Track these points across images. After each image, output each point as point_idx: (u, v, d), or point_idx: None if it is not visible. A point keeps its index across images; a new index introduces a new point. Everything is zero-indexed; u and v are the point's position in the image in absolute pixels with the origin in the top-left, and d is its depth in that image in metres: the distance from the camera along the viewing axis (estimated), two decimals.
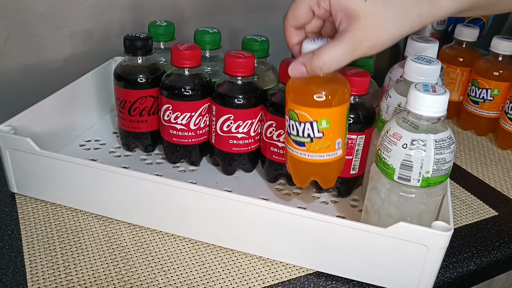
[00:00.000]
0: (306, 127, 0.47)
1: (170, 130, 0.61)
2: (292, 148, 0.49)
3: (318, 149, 0.48)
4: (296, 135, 0.48)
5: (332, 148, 0.48)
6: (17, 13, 0.71)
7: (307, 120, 0.46)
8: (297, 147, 0.48)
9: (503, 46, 0.73)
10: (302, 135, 0.47)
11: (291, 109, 0.47)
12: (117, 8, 0.77)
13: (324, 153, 0.48)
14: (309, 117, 0.46)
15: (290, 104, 0.47)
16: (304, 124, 0.47)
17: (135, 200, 0.53)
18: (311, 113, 0.46)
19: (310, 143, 0.47)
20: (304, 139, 0.47)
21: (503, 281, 0.63)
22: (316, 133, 0.47)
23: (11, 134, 0.55)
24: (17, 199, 0.58)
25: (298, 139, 0.48)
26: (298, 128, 0.47)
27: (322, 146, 0.47)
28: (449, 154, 0.46)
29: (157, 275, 0.49)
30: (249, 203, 0.49)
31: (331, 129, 0.47)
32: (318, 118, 0.46)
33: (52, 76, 0.76)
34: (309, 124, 0.46)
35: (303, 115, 0.46)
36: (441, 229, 0.45)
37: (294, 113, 0.47)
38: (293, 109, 0.47)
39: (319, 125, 0.46)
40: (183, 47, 0.58)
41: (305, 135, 0.47)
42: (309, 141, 0.47)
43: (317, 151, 0.48)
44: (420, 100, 0.45)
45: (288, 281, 0.49)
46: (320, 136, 0.47)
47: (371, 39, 0.42)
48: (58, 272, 0.48)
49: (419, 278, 0.47)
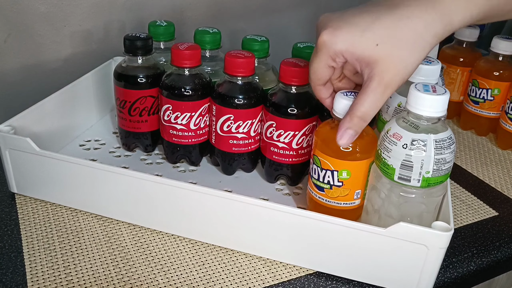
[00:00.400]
0: (327, 175, 0.51)
1: (170, 130, 0.61)
2: (312, 191, 0.53)
3: (336, 197, 0.52)
4: (317, 179, 0.52)
5: (350, 198, 0.52)
6: (17, 13, 0.71)
7: (328, 168, 0.50)
8: (317, 190, 0.52)
9: (503, 46, 0.73)
10: (322, 181, 0.51)
11: (315, 154, 0.51)
12: (117, 8, 0.77)
13: (342, 201, 0.52)
14: (331, 166, 0.50)
15: (316, 150, 0.51)
16: (325, 171, 0.50)
17: (135, 200, 0.53)
18: (333, 162, 0.50)
19: (329, 189, 0.51)
20: (324, 185, 0.51)
21: (503, 281, 0.63)
22: (336, 182, 0.50)
23: (11, 134, 0.55)
24: (17, 199, 0.58)
25: (319, 183, 0.52)
26: (320, 173, 0.51)
27: (340, 194, 0.51)
28: (449, 154, 0.46)
29: (157, 275, 0.49)
30: (249, 203, 0.49)
31: (351, 180, 0.50)
32: (339, 169, 0.50)
33: (52, 76, 0.76)
34: (330, 172, 0.50)
35: (325, 162, 0.50)
36: (441, 229, 0.45)
37: (317, 159, 0.51)
38: (317, 155, 0.51)
39: (339, 175, 0.50)
40: (183, 47, 0.58)
41: (325, 182, 0.51)
42: (329, 188, 0.51)
43: (335, 198, 0.52)
44: (420, 100, 0.45)
45: (288, 281, 0.49)
46: (340, 185, 0.50)
47: (397, 76, 0.42)
48: (58, 272, 0.48)
49: (419, 278, 0.47)
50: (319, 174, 0.51)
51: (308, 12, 0.90)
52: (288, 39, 0.72)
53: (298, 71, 0.55)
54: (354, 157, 0.49)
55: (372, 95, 0.43)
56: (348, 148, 0.49)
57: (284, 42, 0.70)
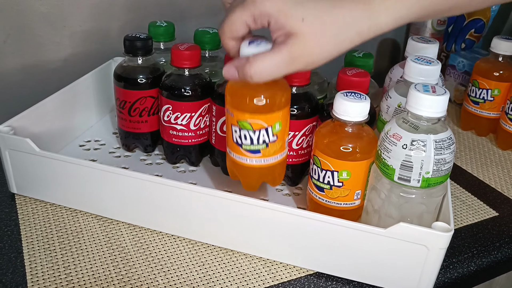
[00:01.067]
0: (327, 175, 0.51)
1: (170, 131, 0.61)
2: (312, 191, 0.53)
3: (336, 197, 0.52)
4: (317, 180, 0.52)
5: (350, 198, 0.52)
6: (17, 13, 0.71)
7: (328, 169, 0.50)
8: (317, 191, 0.53)
9: (503, 46, 0.73)
10: (322, 181, 0.52)
11: (315, 155, 0.51)
12: (117, 8, 0.77)
13: (342, 202, 0.52)
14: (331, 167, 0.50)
15: (316, 150, 0.51)
16: (325, 172, 0.51)
17: (135, 200, 0.53)
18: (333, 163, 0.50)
19: (329, 190, 0.52)
20: (324, 185, 0.52)
21: (503, 282, 0.63)
22: (336, 182, 0.51)
23: (10, 134, 0.55)
24: (17, 200, 0.58)
25: (319, 184, 0.52)
26: (320, 174, 0.51)
27: (340, 194, 0.52)
28: (449, 154, 0.46)
29: (157, 275, 0.49)
30: (249, 204, 0.49)
31: (351, 181, 0.51)
32: (339, 169, 0.50)
33: (52, 76, 0.76)
34: (330, 173, 0.51)
35: (325, 163, 0.51)
36: (442, 229, 0.45)
37: (317, 159, 0.51)
38: (317, 156, 0.51)
39: (339, 175, 0.50)
40: (183, 47, 0.58)
41: (325, 182, 0.51)
42: (329, 188, 0.52)
43: (335, 198, 0.52)
44: (420, 101, 0.45)
45: (288, 282, 0.49)
46: (340, 185, 0.51)
47: (308, 56, 0.41)
48: (58, 273, 0.48)
49: (419, 279, 0.47)
50: (319, 175, 0.51)
51: None
52: None
53: None
54: (354, 158, 0.49)
55: (275, 58, 0.41)
56: (348, 148, 0.49)
57: None
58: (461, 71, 0.86)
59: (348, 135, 0.49)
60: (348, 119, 0.49)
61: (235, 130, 0.47)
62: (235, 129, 0.47)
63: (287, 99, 0.48)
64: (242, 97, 0.46)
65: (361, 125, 0.50)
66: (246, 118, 0.46)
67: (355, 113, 0.48)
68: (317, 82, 0.65)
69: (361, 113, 0.49)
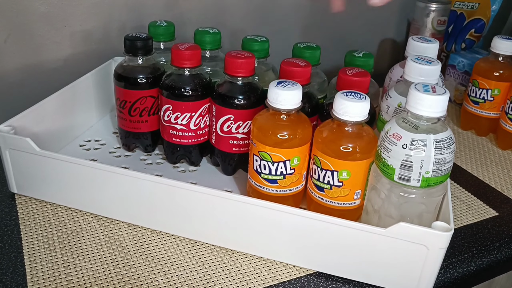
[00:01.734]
0: (327, 175, 0.51)
1: (170, 130, 0.61)
2: (312, 191, 0.54)
3: (336, 197, 0.52)
4: (317, 179, 0.52)
5: (350, 198, 0.52)
6: (17, 13, 0.71)
7: (328, 168, 0.50)
8: (317, 191, 0.53)
9: (503, 46, 0.73)
10: (322, 181, 0.52)
11: (315, 155, 0.51)
12: (117, 8, 0.77)
13: (342, 202, 0.52)
14: (331, 166, 0.50)
15: (316, 150, 0.51)
16: (325, 172, 0.51)
17: (135, 200, 0.53)
18: (333, 163, 0.50)
19: (329, 190, 0.52)
20: (324, 185, 0.52)
21: (503, 282, 0.63)
22: (336, 182, 0.51)
23: (11, 134, 0.55)
24: (17, 199, 0.58)
25: (319, 183, 0.52)
26: (320, 173, 0.51)
27: (340, 194, 0.52)
28: (449, 154, 0.46)
29: (157, 275, 0.49)
30: (249, 203, 0.49)
31: (351, 180, 0.50)
32: (339, 169, 0.50)
33: (52, 76, 0.76)
34: (330, 173, 0.51)
35: (325, 163, 0.50)
36: (441, 229, 0.45)
37: (317, 159, 0.51)
38: (317, 155, 0.51)
39: (339, 175, 0.50)
40: (183, 47, 0.58)
41: (325, 182, 0.51)
42: (329, 188, 0.52)
43: (335, 198, 0.52)
44: (420, 100, 0.45)
45: (288, 282, 0.49)
46: (340, 185, 0.51)
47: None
48: (58, 272, 0.48)
49: (419, 279, 0.47)
50: (319, 174, 0.51)
51: (308, 12, 0.90)
52: (288, 39, 0.72)
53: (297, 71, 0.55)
54: (354, 157, 0.49)
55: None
56: (348, 148, 0.49)
57: (284, 42, 0.70)
58: (461, 71, 0.86)
59: (348, 135, 0.49)
60: (348, 119, 0.49)
61: (256, 159, 0.53)
62: (256, 158, 0.53)
63: (307, 136, 0.52)
64: (265, 130, 0.51)
65: (361, 125, 0.50)
66: (267, 149, 0.51)
67: (355, 113, 0.48)
68: (317, 82, 0.65)
69: (361, 113, 0.49)
